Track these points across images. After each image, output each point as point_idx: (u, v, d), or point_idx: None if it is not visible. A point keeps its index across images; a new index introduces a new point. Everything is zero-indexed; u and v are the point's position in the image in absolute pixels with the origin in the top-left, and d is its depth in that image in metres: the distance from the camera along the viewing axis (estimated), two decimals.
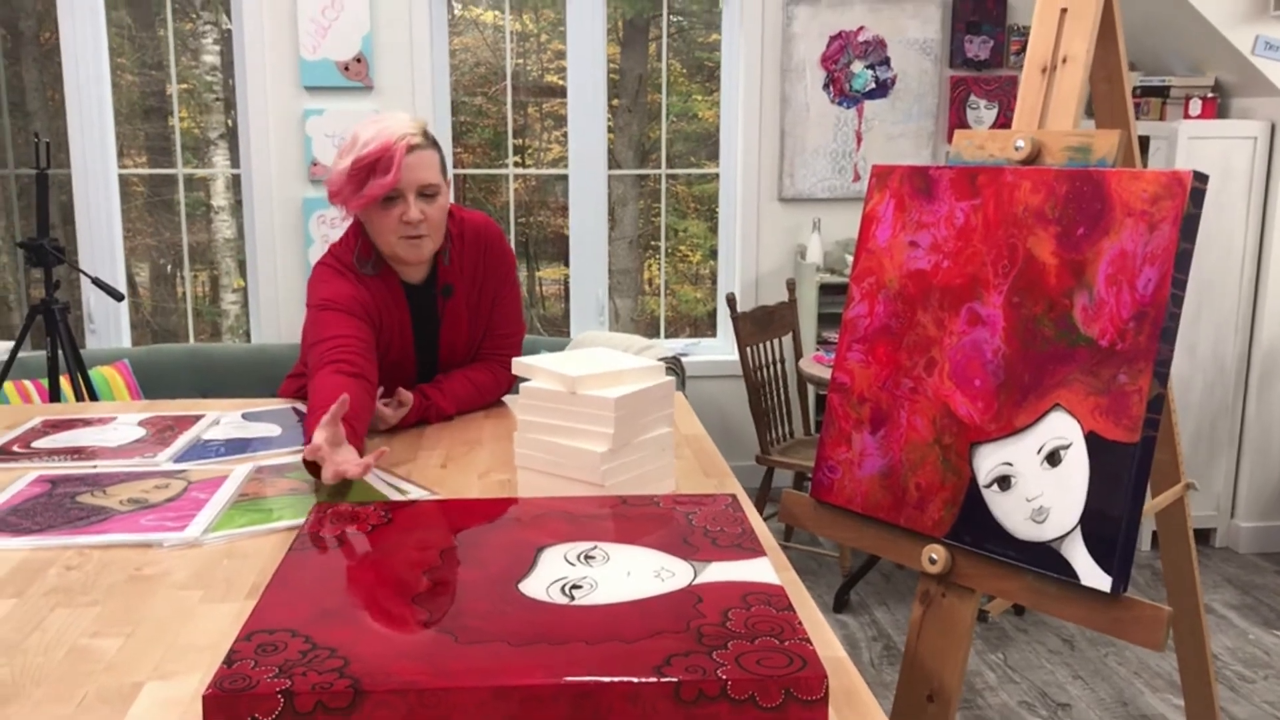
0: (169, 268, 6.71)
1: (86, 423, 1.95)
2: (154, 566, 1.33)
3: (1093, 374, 1.74)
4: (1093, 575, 1.71)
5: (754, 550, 1.26)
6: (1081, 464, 1.74)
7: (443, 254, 2.04)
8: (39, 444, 1.82)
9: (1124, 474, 1.69)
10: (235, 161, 4.61)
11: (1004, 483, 1.83)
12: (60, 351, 2.90)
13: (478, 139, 5.36)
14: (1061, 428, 1.77)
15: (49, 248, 2.84)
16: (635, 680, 0.97)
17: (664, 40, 5.10)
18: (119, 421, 1.95)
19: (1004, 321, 1.86)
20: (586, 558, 1.23)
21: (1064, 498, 1.75)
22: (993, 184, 1.91)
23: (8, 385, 3.75)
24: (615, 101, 5.72)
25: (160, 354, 4.35)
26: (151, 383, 4.23)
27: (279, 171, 4.46)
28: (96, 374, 4.07)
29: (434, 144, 1.97)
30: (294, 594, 1.14)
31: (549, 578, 1.18)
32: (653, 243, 5.61)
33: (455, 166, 4.86)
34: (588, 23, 4.58)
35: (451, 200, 2.08)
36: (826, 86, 4.63)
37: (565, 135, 4.82)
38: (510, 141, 4.88)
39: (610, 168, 5.10)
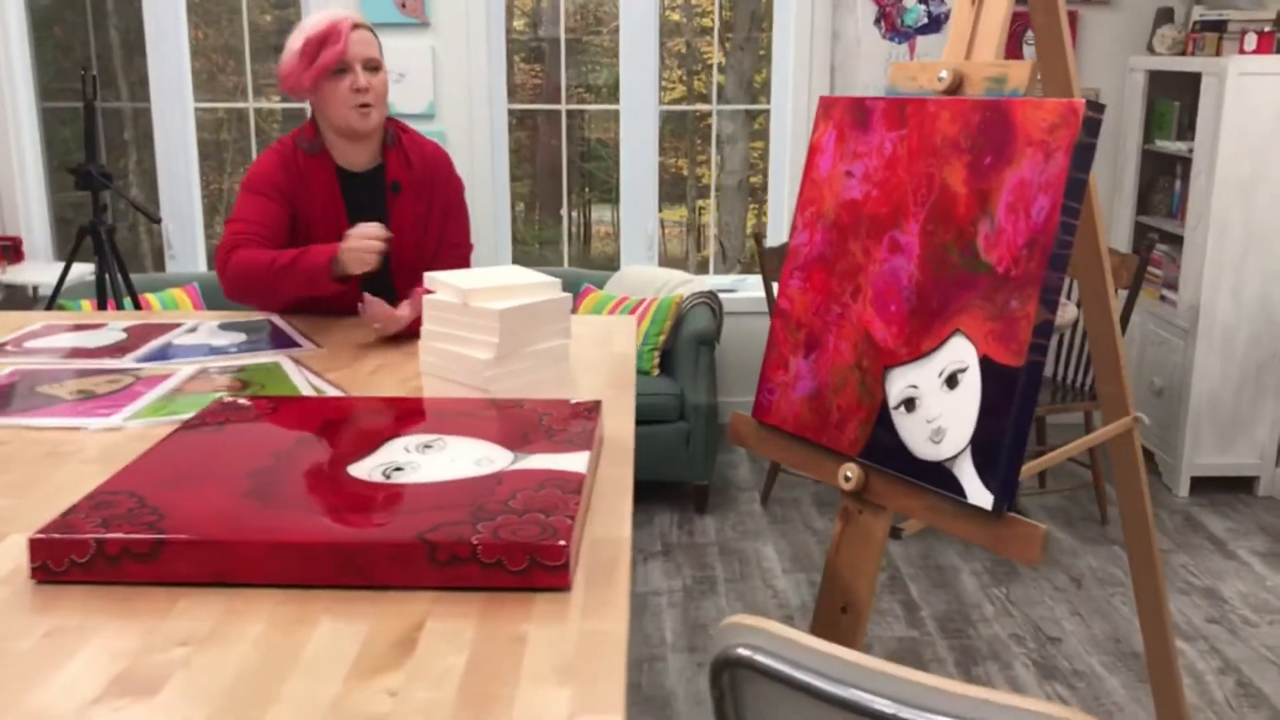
0: None
1: (81, 328, 2.15)
2: (71, 446, 1.51)
3: (990, 300, 1.79)
4: (978, 494, 1.77)
5: (582, 446, 1.37)
6: (975, 387, 1.80)
7: (387, 136, 2.27)
8: (31, 344, 2.03)
9: (1009, 397, 1.74)
10: None
11: (910, 404, 1.90)
12: (107, 271, 3.14)
13: (604, 79, 5.43)
14: (961, 352, 1.83)
15: (95, 173, 3.07)
16: (396, 541, 1.10)
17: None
18: (109, 328, 2.15)
19: (919, 249, 1.92)
20: (424, 447, 1.36)
21: (958, 419, 1.81)
22: (918, 115, 1.96)
23: (85, 304, 4.05)
24: (728, 38, 5.74)
25: None
26: (220, 304, 4.49)
27: None
28: (167, 295, 4.36)
29: (373, 30, 2.25)
30: (153, 465, 1.30)
31: (379, 462, 1.31)
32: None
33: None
34: None
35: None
36: (878, 21, 4.60)
37: (686, 74, 4.88)
38: (564, 77, 4.98)
39: (718, 104, 5.16)
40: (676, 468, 3.99)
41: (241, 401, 1.54)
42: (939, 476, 1.84)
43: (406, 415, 1.48)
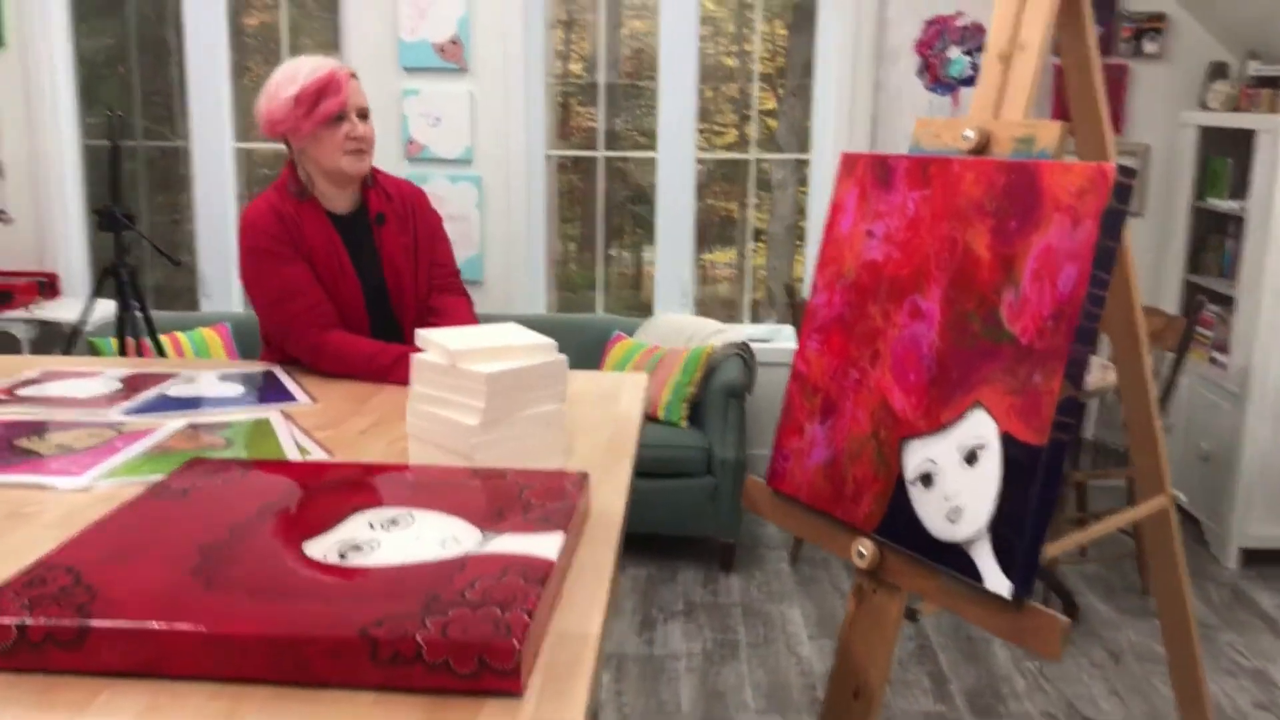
0: None
1: (78, 375, 2.10)
2: (35, 506, 1.45)
3: (1011, 373, 1.68)
4: (996, 580, 1.66)
5: (558, 526, 1.28)
6: (995, 465, 1.69)
7: (367, 179, 2.29)
8: (23, 392, 1.98)
9: (1030, 478, 1.63)
10: None
11: (927, 480, 1.79)
12: (128, 312, 3.11)
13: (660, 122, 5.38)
14: (980, 427, 1.72)
15: (118, 214, 3.05)
16: (335, 637, 1.01)
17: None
18: (105, 376, 2.10)
19: (940, 316, 1.82)
20: (390, 523, 1.28)
21: (977, 499, 1.70)
22: (942, 174, 1.86)
23: (115, 342, 4.04)
24: (781, 86, 5.68)
25: None
26: (252, 344, 4.47)
27: (379, 147, 4.61)
28: (198, 335, 4.34)
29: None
30: (101, 536, 1.22)
31: (338, 539, 1.23)
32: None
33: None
34: (679, 2, 4.59)
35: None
36: (921, 72, 4.51)
37: (739, 119, 4.84)
38: (602, 123, 4.93)
39: (770, 151, 5.10)
40: (702, 523, 3.88)
41: (213, 464, 1.47)
42: (956, 558, 1.73)
43: (379, 485, 1.41)
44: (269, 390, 2.04)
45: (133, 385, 2.04)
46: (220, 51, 4.72)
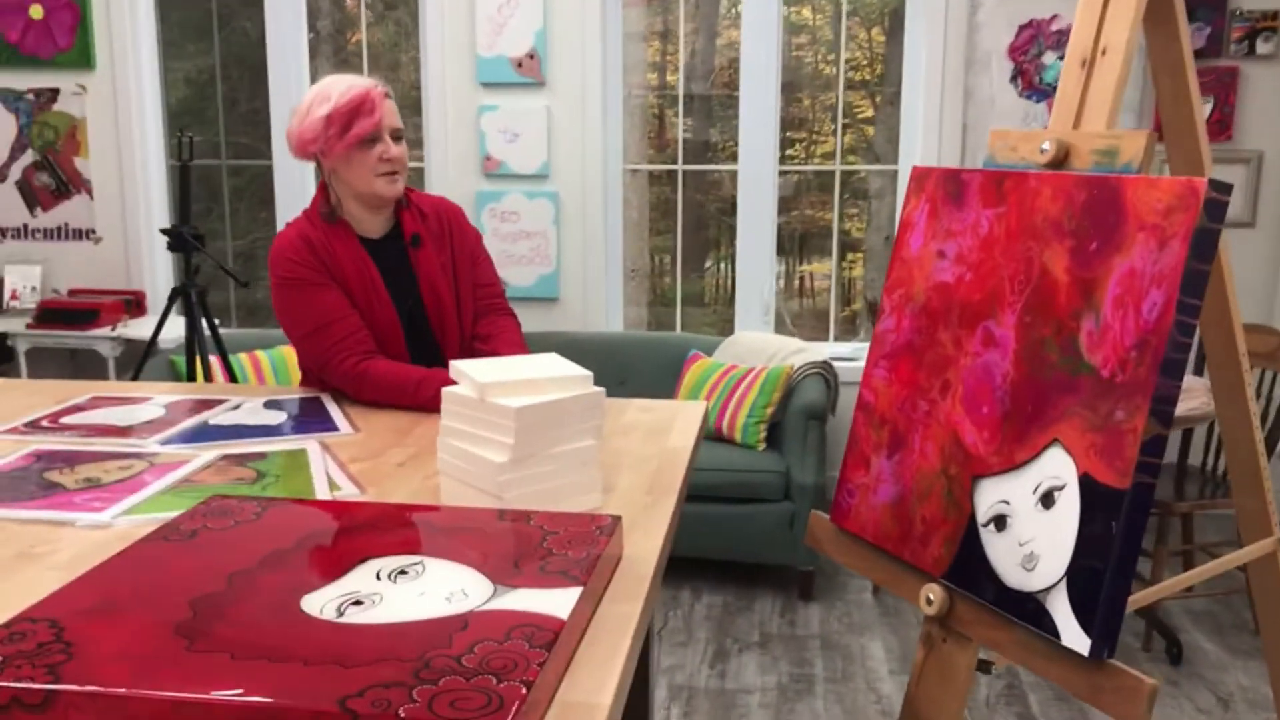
0: None
1: (125, 401, 2.07)
2: (48, 545, 1.40)
3: (1092, 408, 1.54)
4: (1073, 635, 1.51)
5: (576, 580, 1.18)
6: (1073, 508, 1.54)
7: (401, 200, 2.21)
8: (68, 419, 1.95)
9: (1112, 524, 1.48)
10: None
11: (1000, 523, 1.65)
12: (196, 331, 3.11)
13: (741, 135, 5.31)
14: (1058, 466, 1.57)
15: (187, 235, 3.05)
16: (312, 709, 0.93)
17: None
18: (152, 402, 2.07)
19: (1015, 343, 1.68)
20: (399, 573, 1.20)
21: (1054, 545, 1.56)
22: (1017, 190, 1.72)
23: (182, 359, 4.05)
24: (878, 93, 5.57)
25: None
26: None
27: (457, 164, 4.61)
28: (277, 353, 4.35)
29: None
30: (95, 584, 1.16)
31: (339, 592, 1.15)
32: None
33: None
34: (761, 14, 4.48)
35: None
36: (1014, 79, 4.33)
37: (840, 128, 4.76)
38: (680, 135, 4.84)
39: (870, 161, 4.98)
40: (780, 550, 3.75)
41: (230, 503, 1.40)
42: (1030, 610, 1.58)
43: (396, 529, 1.32)
44: (312, 419, 1.98)
45: (176, 412, 2.00)
46: (300, 69, 4.75)
